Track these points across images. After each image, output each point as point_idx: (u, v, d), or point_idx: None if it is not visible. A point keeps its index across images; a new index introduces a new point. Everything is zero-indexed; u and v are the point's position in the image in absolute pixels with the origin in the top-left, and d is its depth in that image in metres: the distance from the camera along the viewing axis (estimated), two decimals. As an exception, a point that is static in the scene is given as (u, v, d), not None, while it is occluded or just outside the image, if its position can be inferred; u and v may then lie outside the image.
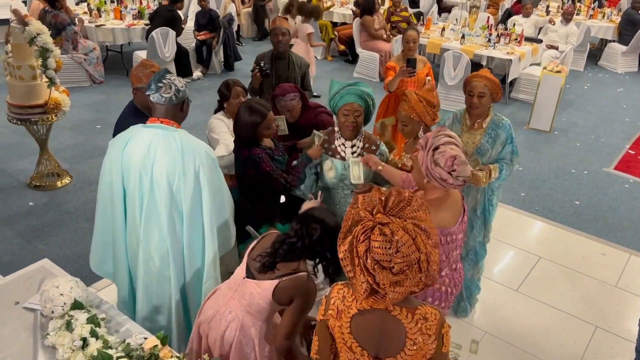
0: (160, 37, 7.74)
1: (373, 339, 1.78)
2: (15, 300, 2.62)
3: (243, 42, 10.57)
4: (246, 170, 3.07)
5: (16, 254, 4.24)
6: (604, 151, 6.72)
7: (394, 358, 1.78)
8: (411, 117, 3.09)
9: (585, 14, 10.55)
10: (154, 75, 2.54)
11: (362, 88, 3.06)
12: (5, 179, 5.31)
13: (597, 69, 10.21)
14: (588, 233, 4.92)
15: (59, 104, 4.81)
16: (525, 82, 8.13)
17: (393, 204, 1.67)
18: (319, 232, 2.27)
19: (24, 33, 4.36)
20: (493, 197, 3.50)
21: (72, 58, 7.59)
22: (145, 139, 2.51)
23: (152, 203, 2.54)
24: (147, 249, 2.63)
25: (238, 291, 2.38)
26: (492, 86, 3.27)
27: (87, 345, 2.25)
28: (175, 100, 2.52)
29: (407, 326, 1.74)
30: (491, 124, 3.35)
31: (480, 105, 3.27)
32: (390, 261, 1.60)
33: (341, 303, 1.80)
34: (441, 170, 2.29)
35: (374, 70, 8.82)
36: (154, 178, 2.50)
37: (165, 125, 2.52)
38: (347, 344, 1.81)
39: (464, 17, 9.27)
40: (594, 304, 4.02)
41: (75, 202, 4.99)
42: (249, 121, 3.02)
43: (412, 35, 4.92)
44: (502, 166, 3.34)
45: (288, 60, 4.65)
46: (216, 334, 2.39)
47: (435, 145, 2.33)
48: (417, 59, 4.84)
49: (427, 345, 1.75)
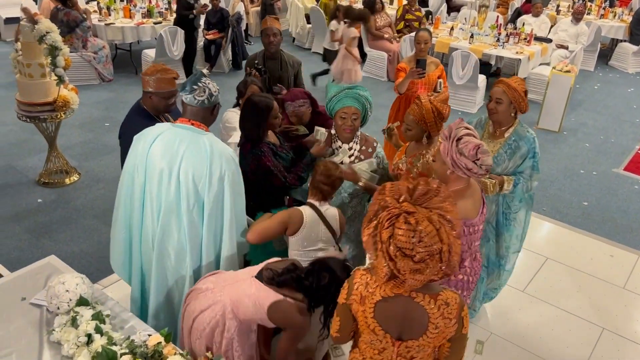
0: (169, 36, 7.77)
1: (396, 323, 1.87)
2: (22, 296, 2.65)
3: (252, 40, 10.59)
4: (248, 164, 3.09)
5: (24, 250, 4.28)
6: (613, 152, 6.66)
7: (416, 340, 1.87)
8: (418, 123, 3.04)
9: (596, 14, 10.46)
10: (190, 77, 2.62)
11: (359, 92, 3.06)
12: (14, 176, 5.36)
13: (607, 69, 10.12)
14: (596, 234, 4.89)
15: (68, 101, 4.84)
16: (535, 81, 8.07)
17: (420, 193, 1.73)
18: (327, 281, 2.32)
19: (33, 31, 4.40)
20: (510, 212, 3.36)
21: (81, 56, 7.64)
22: (174, 138, 2.56)
23: (175, 201, 2.58)
24: (164, 246, 2.66)
25: (238, 284, 2.42)
26: (513, 94, 3.12)
27: (91, 342, 2.27)
28: (207, 103, 2.59)
29: (430, 312, 1.82)
30: (514, 134, 3.21)
31: (497, 112, 3.18)
32: (412, 249, 1.66)
33: (364, 289, 1.87)
34: (466, 159, 2.36)
35: (382, 69, 8.81)
36: (180, 177, 2.54)
37: (196, 128, 2.58)
38: (370, 327, 1.89)
39: (473, 16, 9.23)
40: (601, 306, 3.99)
41: (83, 199, 5.03)
42: (255, 114, 3.05)
43: (423, 36, 4.83)
44: (519, 180, 3.20)
45: (280, 60, 4.64)
46: (197, 307, 2.43)
47: (459, 136, 2.39)
48: (427, 60, 4.80)
49: (449, 328, 1.84)
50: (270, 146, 3.11)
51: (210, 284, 2.50)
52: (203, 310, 2.41)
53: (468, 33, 8.32)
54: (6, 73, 7.94)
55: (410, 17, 9.31)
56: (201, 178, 2.54)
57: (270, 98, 3.13)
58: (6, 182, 5.25)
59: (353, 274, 1.96)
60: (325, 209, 2.85)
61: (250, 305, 2.36)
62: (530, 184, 3.23)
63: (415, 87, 4.79)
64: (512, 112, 3.19)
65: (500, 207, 3.37)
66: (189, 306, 2.49)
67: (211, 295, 2.44)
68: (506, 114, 3.19)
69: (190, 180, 2.54)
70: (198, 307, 2.44)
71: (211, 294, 2.44)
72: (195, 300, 2.48)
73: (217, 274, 2.59)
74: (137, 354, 2.17)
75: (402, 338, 1.88)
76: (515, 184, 3.19)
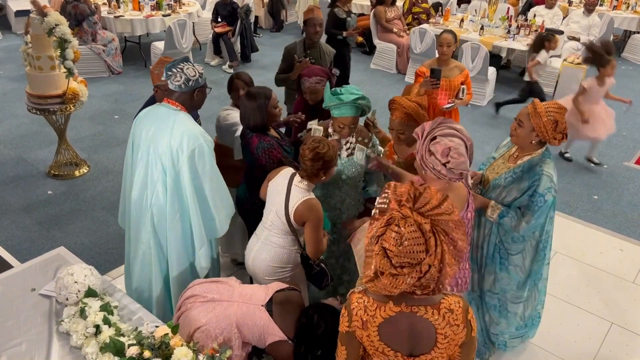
0: (178, 29, 7.77)
1: (404, 340, 1.79)
2: (32, 287, 2.68)
3: (260, 33, 10.57)
4: (258, 159, 3.08)
5: (35, 242, 4.33)
6: (624, 145, 6.59)
7: (428, 354, 1.79)
8: (407, 123, 2.98)
9: (609, 5, 10.31)
10: (173, 61, 2.72)
11: (360, 101, 3.04)
12: (25, 168, 5.40)
13: (620, 61, 9.98)
14: (606, 228, 4.85)
15: (77, 94, 4.87)
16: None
17: (422, 202, 1.63)
18: (321, 330, 2.28)
19: (42, 24, 4.42)
20: (502, 247, 2.99)
21: (90, 49, 7.67)
22: (152, 114, 2.78)
23: (144, 173, 2.77)
24: (139, 214, 2.86)
25: (248, 308, 2.44)
26: (537, 123, 2.69)
27: (100, 333, 2.30)
28: (184, 88, 2.68)
29: (435, 323, 1.75)
30: (526, 163, 2.80)
31: (516, 134, 2.80)
32: (392, 252, 1.58)
33: (364, 313, 1.78)
34: (435, 160, 2.24)
35: (392, 62, 8.76)
36: (149, 151, 2.73)
37: (171, 105, 2.74)
38: (379, 350, 1.81)
39: (484, 8, 9.13)
40: (610, 300, 3.96)
41: (92, 191, 5.06)
42: (255, 106, 3.06)
43: (446, 39, 4.46)
44: (507, 212, 2.80)
45: (319, 50, 4.70)
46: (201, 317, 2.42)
47: (433, 135, 2.28)
48: (450, 65, 4.52)
49: (458, 334, 1.77)
50: (276, 140, 3.11)
51: (216, 294, 2.49)
52: (208, 323, 2.40)
53: (478, 25, 8.25)
54: (17, 66, 8.00)
55: (418, 9, 9.25)
56: (164, 153, 2.67)
57: (269, 89, 3.15)
58: (17, 174, 5.30)
59: (349, 299, 1.84)
60: (302, 188, 2.76)
61: (256, 333, 2.40)
62: (518, 222, 2.80)
63: (435, 93, 4.47)
64: (534, 140, 2.77)
65: (493, 237, 3.00)
66: (190, 313, 2.46)
67: (218, 307, 2.43)
68: (525, 140, 2.78)
69: (155, 154, 2.69)
70: (202, 318, 2.41)
71: (218, 307, 2.44)
72: (198, 309, 2.45)
73: (220, 283, 2.57)
74: (144, 345, 2.19)
75: (413, 354, 1.81)
76: (502, 216, 2.81)
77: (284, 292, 2.51)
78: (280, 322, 2.39)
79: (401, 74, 8.65)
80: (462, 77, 4.56)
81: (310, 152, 2.69)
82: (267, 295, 2.47)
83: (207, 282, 2.59)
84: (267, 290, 2.51)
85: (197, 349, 2.22)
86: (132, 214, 2.85)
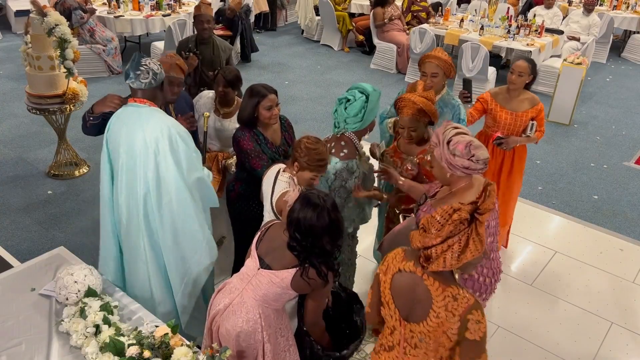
0: (178, 28, 7.77)
1: (406, 301, 1.96)
2: (32, 286, 2.68)
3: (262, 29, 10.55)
4: (234, 146, 3.27)
5: (34, 241, 4.33)
6: (624, 145, 6.59)
7: (417, 324, 1.93)
8: (420, 119, 3.00)
9: (608, 5, 10.31)
10: (130, 64, 2.70)
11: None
12: (25, 168, 5.40)
13: (620, 61, 9.99)
14: (606, 228, 4.85)
15: (77, 94, 4.87)
16: (545, 74, 7.99)
17: (486, 207, 1.88)
18: (311, 239, 2.26)
19: (42, 24, 4.42)
20: None
21: (90, 49, 7.66)
22: (123, 116, 2.77)
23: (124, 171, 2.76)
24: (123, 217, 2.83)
25: (252, 282, 2.38)
26: (445, 65, 3.38)
27: (99, 332, 2.30)
28: (154, 83, 2.70)
29: (434, 297, 1.86)
30: (439, 102, 3.36)
31: (433, 84, 3.37)
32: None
33: (392, 260, 2.01)
34: (461, 159, 2.37)
35: (392, 61, 8.75)
36: (120, 150, 2.75)
37: (139, 104, 2.73)
38: (386, 299, 2.01)
39: (484, 8, 9.13)
40: (610, 300, 3.96)
41: (92, 191, 5.06)
42: (248, 101, 3.14)
43: (519, 66, 3.75)
44: None
45: (212, 45, 4.82)
46: (230, 327, 2.39)
47: (448, 139, 2.41)
48: (521, 96, 3.86)
49: (449, 323, 1.86)
50: (257, 136, 3.17)
51: (223, 303, 2.44)
52: (236, 326, 2.38)
53: (478, 25, 8.25)
54: (17, 65, 7.99)
55: (416, 8, 9.24)
56: (141, 150, 2.66)
57: (270, 89, 3.16)
58: (17, 174, 5.30)
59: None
60: (283, 181, 2.79)
61: (279, 291, 2.34)
62: None
63: (496, 125, 3.93)
64: (444, 82, 3.44)
65: None
66: (221, 329, 2.43)
67: (234, 308, 2.40)
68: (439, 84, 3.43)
69: (131, 154, 2.70)
70: (231, 327, 2.39)
71: (234, 308, 2.40)
72: (223, 322, 2.42)
73: (224, 288, 2.53)
74: (144, 345, 2.19)
75: (408, 319, 1.96)
76: None
77: (264, 239, 2.44)
78: (279, 264, 2.33)
79: (401, 74, 8.64)
80: (534, 112, 3.85)
81: (304, 144, 2.74)
82: (255, 259, 2.42)
83: (216, 295, 2.53)
84: (253, 254, 2.46)
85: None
86: (122, 222, 2.81)
